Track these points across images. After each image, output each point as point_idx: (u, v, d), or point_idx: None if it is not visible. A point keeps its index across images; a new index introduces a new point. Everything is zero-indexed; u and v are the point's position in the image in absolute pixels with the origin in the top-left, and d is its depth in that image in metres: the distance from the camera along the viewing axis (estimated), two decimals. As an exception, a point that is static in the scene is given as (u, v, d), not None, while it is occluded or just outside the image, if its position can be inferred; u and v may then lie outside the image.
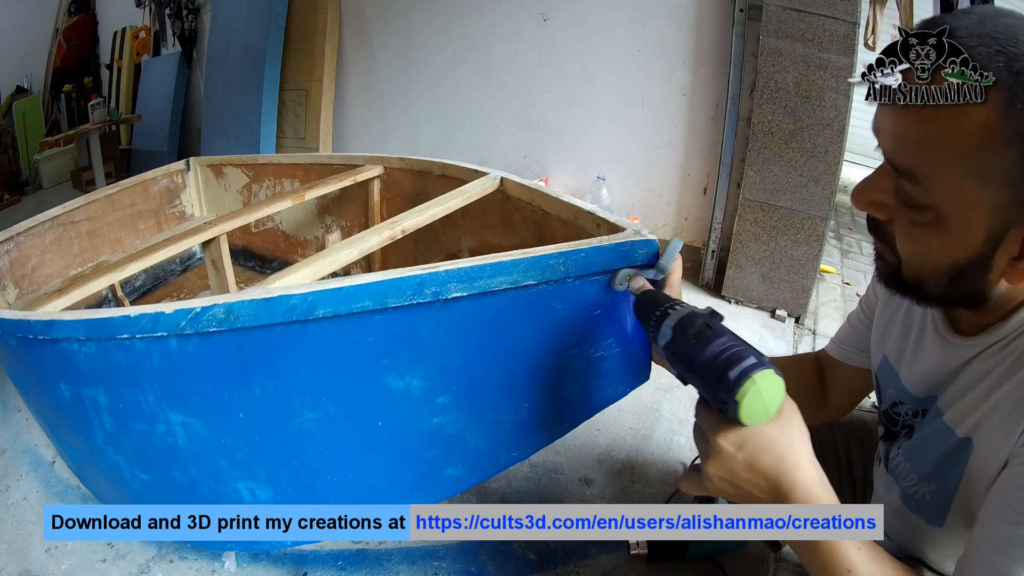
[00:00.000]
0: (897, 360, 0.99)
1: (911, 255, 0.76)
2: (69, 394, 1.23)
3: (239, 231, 2.44)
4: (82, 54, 5.88)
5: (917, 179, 0.69)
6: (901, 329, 0.99)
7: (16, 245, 2.10)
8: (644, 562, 1.50)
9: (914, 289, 0.79)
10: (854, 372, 1.18)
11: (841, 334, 1.21)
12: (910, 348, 0.96)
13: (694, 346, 0.78)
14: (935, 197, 0.68)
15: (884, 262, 0.82)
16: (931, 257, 0.74)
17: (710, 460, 0.77)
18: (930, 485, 0.89)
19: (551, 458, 1.83)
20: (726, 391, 0.72)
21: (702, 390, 0.79)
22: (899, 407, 0.98)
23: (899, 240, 0.76)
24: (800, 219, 2.63)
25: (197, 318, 1.03)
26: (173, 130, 4.80)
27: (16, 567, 1.48)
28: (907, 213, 0.73)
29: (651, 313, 0.91)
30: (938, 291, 0.76)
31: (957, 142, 0.64)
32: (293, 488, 1.22)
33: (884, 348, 1.03)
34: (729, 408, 0.73)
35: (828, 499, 0.75)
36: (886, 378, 1.02)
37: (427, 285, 1.01)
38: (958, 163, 0.65)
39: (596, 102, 3.21)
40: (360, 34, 3.80)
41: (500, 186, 1.81)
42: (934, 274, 0.75)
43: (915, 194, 0.70)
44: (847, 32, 2.40)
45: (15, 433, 1.98)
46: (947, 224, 0.69)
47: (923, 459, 0.90)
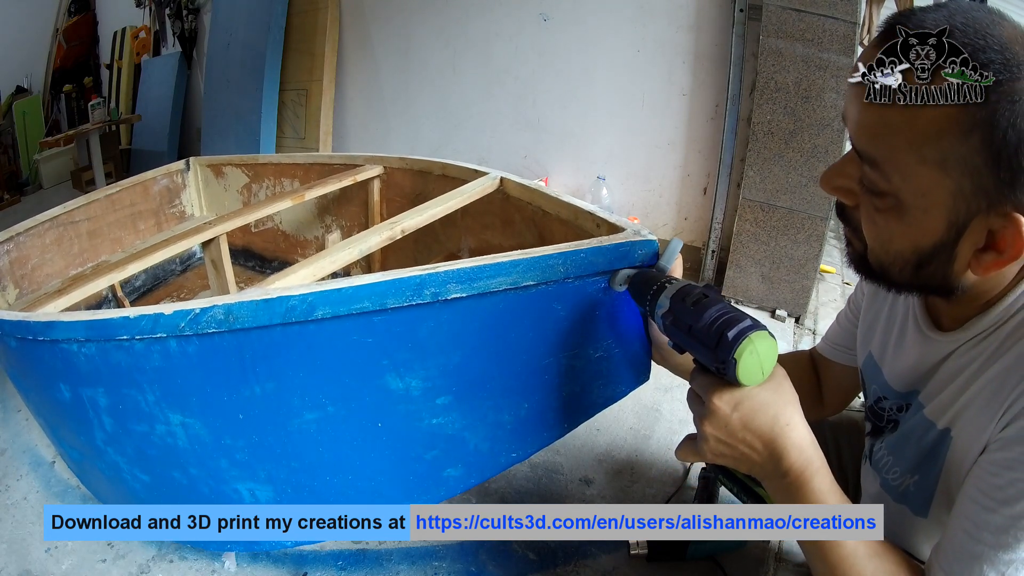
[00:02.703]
0: (880, 356, 1.01)
1: (874, 240, 0.77)
2: (69, 395, 1.23)
3: (239, 231, 2.44)
4: (82, 54, 5.88)
5: (877, 164, 0.70)
6: (885, 325, 1.01)
7: (16, 245, 2.10)
8: (644, 562, 1.49)
9: (880, 275, 0.81)
10: (845, 371, 1.19)
11: (831, 333, 1.23)
12: (892, 344, 0.97)
13: (692, 312, 0.80)
14: (894, 183, 0.70)
15: (852, 248, 0.84)
16: (893, 243, 0.75)
17: (706, 420, 0.81)
18: (913, 477, 0.90)
19: (551, 458, 1.83)
20: (725, 350, 0.75)
21: (700, 355, 0.82)
22: (883, 402, 0.99)
23: (864, 225, 0.78)
24: (800, 219, 2.63)
25: (196, 319, 1.03)
26: (173, 130, 4.79)
27: (16, 567, 1.49)
28: (870, 199, 0.74)
29: (647, 288, 0.94)
30: (903, 278, 0.78)
31: (917, 130, 0.66)
32: (293, 488, 1.22)
33: (869, 345, 1.05)
34: (728, 368, 0.76)
35: (819, 459, 0.79)
36: (870, 374, 1.04)
37: (427, 286, 1.01)
38: (917, 150, 0.66)
39: (596, 102, 3.21)
40: (360, 34, 3.80)
41: (500, 186, 1.81)
42: (898, 260, 0.76)
43: (875, 180, 0.71)
44: (847, 32, 2.40)
45: (15, 433, 1.98)
46: (906, 210, 0.71)
47: (905, 452, 0.92)
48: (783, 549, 1.54)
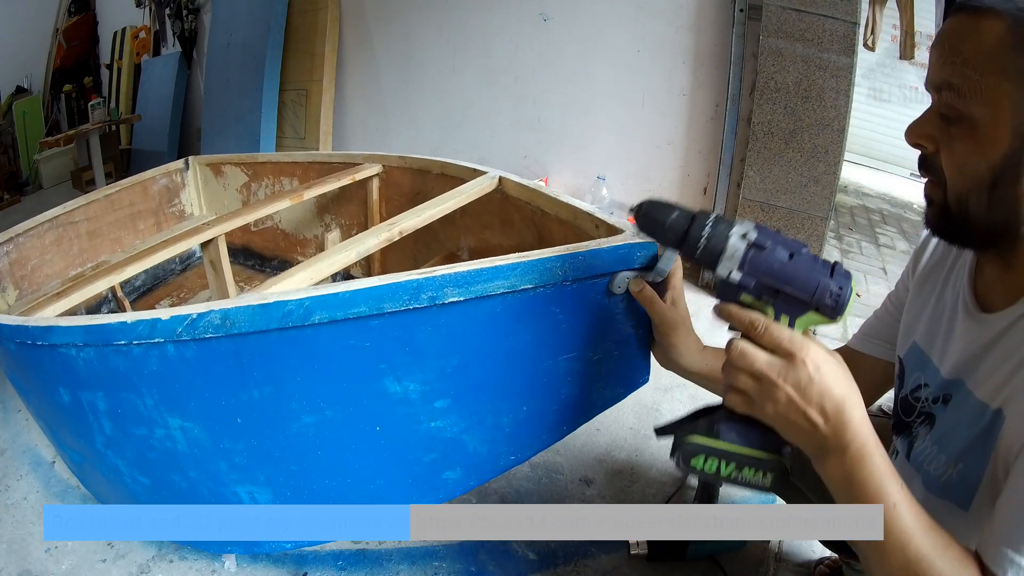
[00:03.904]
0: (928, 344, 1.02)
1: (953, 169, 0.83)
2: (68, 398, 1.23)
3: (238, 230, 2.43)
4: (82, 54, 5.87)
5: (951, 85, 0.80)
6: (932, 314, 1.02)
7: (16, 246, 2.10)
8: (644, 562, 1.49)
9: (959, 222, 0.85)
10: (876, 365, 1.19)
11: (866, 327, 1.24)
12: (942, 332, 0.99)
13: (791, 242, 0.80)
14: (966, 99, 0.79)
15: (932, 204, 0.89)
16: (969, 164, 0.81)
17: (789, 374, 0.76)
18: (957, 465, 0.90)
19: (551, 458, 1.83)
20: (842, 278, 0.78)
21: (799, 289, 0.78)
22: (921, 391, 1.00)
23: (944, 160, 0.84)
24: (800, 219, 2.63)
25: (194, 324, 1.03)
26: (173, 130, 4.79)
27: (16, 567, 1.49)
28: (948, 131, 0.83)
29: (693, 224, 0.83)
30: (979, 208, 0.82)
31: (981, 49, 0.78)
32: (292, 492, 1.22)
33: (914, 335, 1.06)
34: (843, 298, 0.78)
35: (875, 437, 0.77)
36: (914, 362, 1.04)
37: (424, 290, 1.01)
38: (982, 64, 0.78)
39: (596, 102, 3.21)
40: (360, 34, 3.80)
41: (499, 185, 1.81)
42: (976, 184, 0.81)
43: (952, 102, 0.81)
44: (847, 32, 2.40)
45: (15, 433, 1.98)
46: (979, 127, 0.79)
47: (953, 441, 0.91)
48: (783, 549, 1.54)
